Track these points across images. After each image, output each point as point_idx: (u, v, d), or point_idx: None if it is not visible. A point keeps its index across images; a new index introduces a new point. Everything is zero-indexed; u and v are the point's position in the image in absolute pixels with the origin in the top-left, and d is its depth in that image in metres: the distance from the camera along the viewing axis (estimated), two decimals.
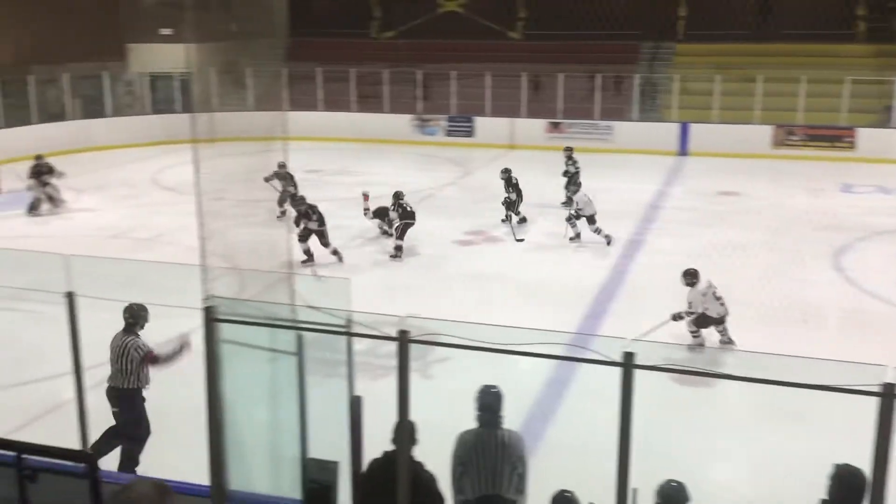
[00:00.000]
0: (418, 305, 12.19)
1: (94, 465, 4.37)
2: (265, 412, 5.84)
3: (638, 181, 20.99)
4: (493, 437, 5.22)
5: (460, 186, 21.05)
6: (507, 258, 14.51)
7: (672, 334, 9.81)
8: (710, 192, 19.83)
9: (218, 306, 5.32)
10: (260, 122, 6.80)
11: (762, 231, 16.08)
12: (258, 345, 5.57)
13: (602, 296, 12.58)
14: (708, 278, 10.34)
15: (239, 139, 7.07)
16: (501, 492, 5.18)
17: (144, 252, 14.41)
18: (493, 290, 12.84)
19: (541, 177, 18.99)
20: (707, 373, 4.39)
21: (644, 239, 15.78)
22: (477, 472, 5.17)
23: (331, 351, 5.65)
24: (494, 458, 5.19)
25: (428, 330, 5.32)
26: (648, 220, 17.19)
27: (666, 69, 28.16)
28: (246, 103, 27.62)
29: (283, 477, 5.63)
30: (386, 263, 14.11)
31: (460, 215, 17.28)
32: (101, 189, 20.27)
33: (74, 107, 27.90)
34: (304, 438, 5.45)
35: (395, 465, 5.03)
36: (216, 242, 5.75)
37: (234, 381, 5.47)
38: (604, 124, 26.41)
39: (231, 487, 5.56)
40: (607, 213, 15.52)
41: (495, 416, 5.29)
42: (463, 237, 15.80)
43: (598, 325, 11.25)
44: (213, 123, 6.83)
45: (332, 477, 5.44)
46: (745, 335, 9.99)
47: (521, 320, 10.57)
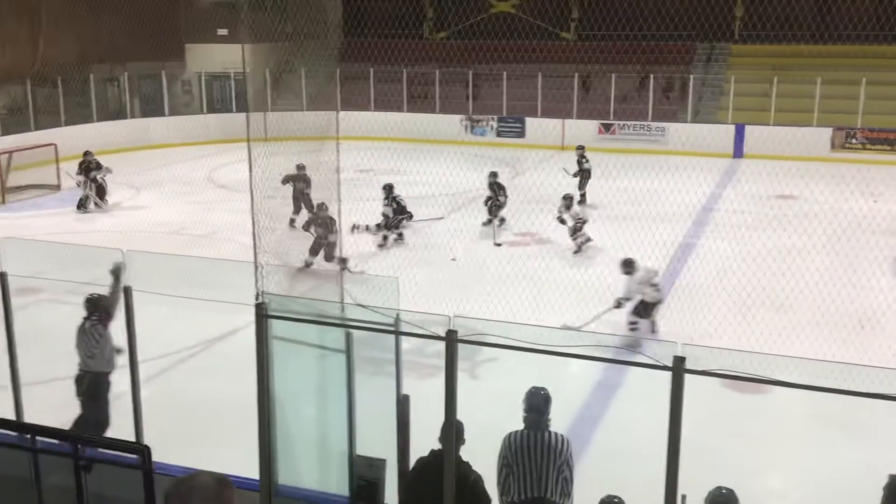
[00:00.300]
0: (466, 306, 12.20)
1: (148, 457, 4.46)
2: (314, 409, 5.90)
3: (691, 183, 20.69)
4: (540, 440, 5.20)
5: (510, 187, 20.98)
6: (556, 259, 14.43)
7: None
8: (765, 196, 19.46)
9: (269, 303, 5.40)
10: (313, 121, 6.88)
11: (819, 236, 15.73)
12: (308, 342, 5.64)
13: None
14: (648, 266, 10.96)
15: (292, 138, 7.17)
16: (547, 495, 5.16)
17: (199, 249, 14.65)
18: (543, 292, 12.78)
19: (593, 178, 18.84)
20: (759, 379, 4.32)
21: (696, 242, 15.55)
22: (523, 474, 5.16)
23: (379, 349, 5.69)
24: (541, 460, 5.16)
25: (476, 330, 5.32)
26: (701, 224, 16.94)
27: (721, 70, 27.71)
28: (299, 103, 27.93)
29: (331, 473, 5.68)
30: (434, 262, 14.15)
31: (510, 216, 17.24)
32: (158, 186, 20.68)
33: (133, 105, 28.53)
34: (352, 435, 5.49)
35: (441, 464, 5.04)
36: (268, 240, 5.83)
37: (283, 378, 5.55)
38: (657, 126, 26.10)
39: (280, 482, 5.64)
40: (659, 215, 15.34)
41: (542, 418, 5.27)
42: (512, 238, 15.75)
43: (648, 330, 11.11)
44: (266, 123, 6.94)
45: (379, 474, 5.47)
46: (800, 341, 9.80)
47: (571, 322, 10.54)
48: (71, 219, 17.82)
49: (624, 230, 15.18)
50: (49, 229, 16.20)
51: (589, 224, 15.61)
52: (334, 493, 5.64)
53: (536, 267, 13.94)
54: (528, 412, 5.29)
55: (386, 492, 5.53)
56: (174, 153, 25.01)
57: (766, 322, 10.50)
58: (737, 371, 4.28)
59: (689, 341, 4.50)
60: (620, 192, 18.72)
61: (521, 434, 5.23)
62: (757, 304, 11.49)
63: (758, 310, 11.30)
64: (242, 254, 11.02)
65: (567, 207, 15.12)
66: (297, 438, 5.75)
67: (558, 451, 5.19)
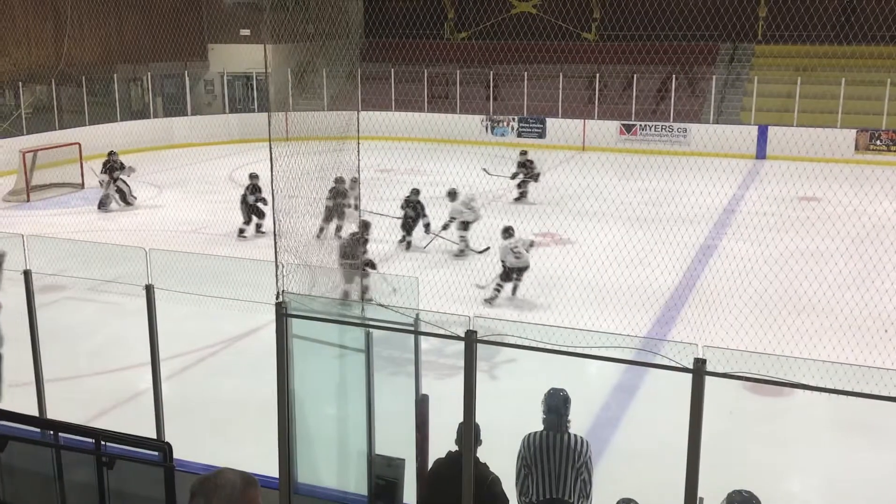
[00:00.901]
0: (487, 307, 12.21)
1: (169, 454, 4.49)
2: (333, 407, 5.92)
3: (713, 185, 20.56)
4: (559, 441, 5.19)
5: (530, 187, 20.96)
6: (576, 260, 14.39)
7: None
8: (788, 198, 19.31)
9: (289, 302, 5.42)
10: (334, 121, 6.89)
11: (843, 238, 15.59)
12: (328, 341, 5.66)
13: (673, 301, 12.37)
14: (520, 237, 12.68)
15: (313, 138, 7.19)
16: (565, 496, 5.15)
17: (220, 247, 14.75)
18: (562, 292, 12.75)
19: (613, 179, 18.77)
20: (781, 381, 4.28)
21: (718, 244, 15.46)
22: (541, 475, 5.15)
23: (398, 349, 5.70)
24: (559, 461, 5.15)
25: (495, 330, 5.32)
26: (723, 225, 16.84)
27: (744, 71, 27.53)
28: (320, 103, 28.04)
29: (350, 472, 5.70)
30: (454, 263, 14.15)
31: (529, 217, 17.21)
32: (181, 185, 20.84)
33: (156, 105, 28.76)
34: (371, 435, 5.50)
35: (459, 464, 5.04)
36: (289, 239, 5.86)
37: (303, 377, 5.57)
38: (679, 126, 25.96)
39: (299, 480, 5.66)
40: (680, 217, 15.26)
41: (562, 419, 5.26)
42: (532, 238, 15.71)
43: (668, 331, 11.07)
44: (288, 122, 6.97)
45: (398, 474, 5.48)
46: (822, 345, 9.71)
47: (589, 323, 10.50)
48: (94, 217, 18.00)
49: (644, 231, 15.14)
50: (73, 227, 16.37)
51: (608, 227, 15.54)
52: (353, 492, 5.66)
53: (556, 267, 13.90)
54: (547, 413, 5.28)
55: (405, 491, 5.54)
56: (196, 152, 25.18)
57: (788, 325, 10.41)
58: (758, 374, 4.25)
59: (710, 343, 4.47)
60: (641, 193, 18.65)
61: (541, 435, 5.22)
62: (779, 307, 11.41)
63: (779, 312, 11.22)
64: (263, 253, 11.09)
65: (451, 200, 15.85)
66: (317, 437, 5.78)
67: (578, 452, 5.18)
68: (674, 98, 26.32)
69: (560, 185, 18.75)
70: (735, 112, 26.70)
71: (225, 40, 29.69)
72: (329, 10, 6.52)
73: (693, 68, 27.23)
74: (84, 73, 25.43)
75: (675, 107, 26.35)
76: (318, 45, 7.08)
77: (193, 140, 26.24)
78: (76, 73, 25.52)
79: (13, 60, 24.76)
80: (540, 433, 5.23)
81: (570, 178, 18.99)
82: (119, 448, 4.78)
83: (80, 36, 26.34)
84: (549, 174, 22.20)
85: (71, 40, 25.95)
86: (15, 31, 24.93)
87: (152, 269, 6.19)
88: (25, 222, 16.74)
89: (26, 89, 24.95)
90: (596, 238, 15.22)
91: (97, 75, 25.92)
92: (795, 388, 4.30)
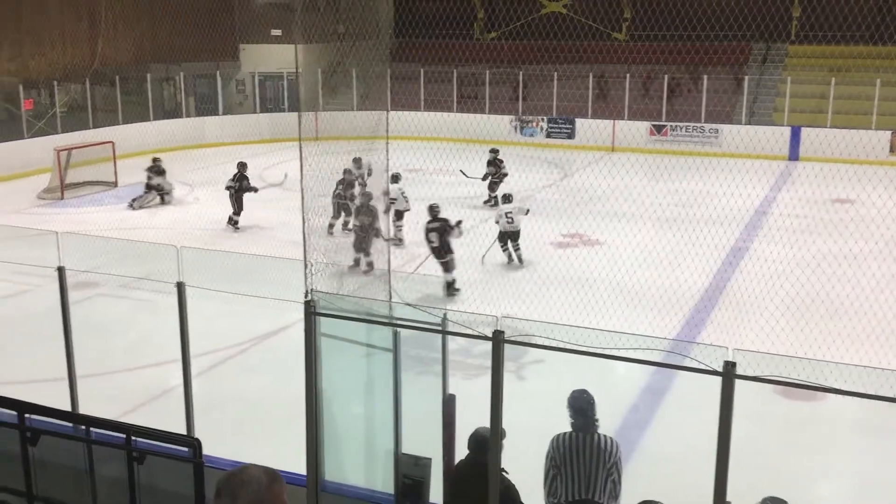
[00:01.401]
0: (514, 307, 12.18)
1: (199, 450, 4.53)
2: (361, 406, 5.94)
3: (744, 186, 20.35)
4: (589, 442, 5.17)
5: (559, 188, 20.89)
6: (605, 261, 14.31)
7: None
8: (821, 200, 19.07)
9: (318, 301, 5.45)
10: (363, 121, 6.93)
11: (877, 241, 15.36)
12: (356, 340, 5.68)
13: (702, 303, 12.26)
14: (517, 205, 14.06)
15: (342, 138, 7.23)
16: (595, 497, 5.12)
17: (250, 246, 14.86)
18: (590, 294, 12.69)
19: (643, 180, 18.66)
20: (812, 386, 4.23)
21: (749, 246, 15.30)
22: (571, 476, 5.13)
23: (426, 348, 5.71)
24: (589, 462, 5.13)
25: (523, 331, 5.31)
26: (754, 227, 16.67)
27: (777, 71, 27.22)
28: (350, 103, 28.15)
29: (377, 470, 5.71)
30: (481, 263, 14.14)
31: (558, 217, 17.15)
32: (212, 184, 21.00)
33: (189, 105, 29.05)
34: (398, 434, 5.52)
35: (477, 467, 5.06)
36: (318, 238, 5.89)
37: (331, 375, 5.60)
38: (710, 127, 25.74)
39: (326, 478, 5.69)
40: (710, 218, 15.12)
41: (590, 420, 5.23)
42: (561, 239, 15.68)
43: (697, 334, 10.98)
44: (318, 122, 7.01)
45: (425, 473, 5.49)
46: (855, 349, 9.58)
47: (618, 325, 10.44)
48: (127, 215, 18.21)
49: (674, 232, 15.00)
50: (106, 225, 16.58)
51: (638, 228, 15.44)
52: (380, 490, 5.67)
53: (584, 268, 13.84)
54: (573, 416, 5.26)
55: (431, 491, 5.55)
56: (227, 152, 25.39)
57: (821, 329, 10.29)
58: (789, 377, 4.20)
59: (740, 346, 4.42)
60: (671, 194, 18.51)
61: (570, 436, 5.20)
62: (811, 310, 11.27)
63: (811, 316, 11.08)
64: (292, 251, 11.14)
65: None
66: (344, 435, 5.80)
67: (608, 453, 5.15)
68: (705, 98, 26.09)
69: (589, 185, 18.63)
70: (768, 113, 26.41)
71: (256, 40, 29.90)
72: (359, 11, 6.55)
73: (725, 68, 26.96)
74: (118, 72, 25.75)
75: (706, 107, 26.12)
76: (349, 45, 7.11)
77: (224, 139, 26.45)
78: (110, 72, 25.85)
79: (49, 60, 25.14)
80: (569, 434, 5.21)
81: (600, 178, 18.91)
82: (149, 443, 4.83)
83: (115, 36, 26.68)
84: (578, 175, 22.10)
85: (105, 40, 26.29)
86: (51, 32, 25.30)
87: (183, 267, 6.25)
88: (59, 219, 16.99)
89: (61, 88, 25.31)
90: (625, 239, 15.14)
91: (131, 75, 26.23)
92: (827, 392, 4.25)
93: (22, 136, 22.96)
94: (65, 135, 23.08)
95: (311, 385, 5.48)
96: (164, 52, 27.12)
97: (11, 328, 10.83)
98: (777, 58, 28.04)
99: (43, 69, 24.91)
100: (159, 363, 9.64)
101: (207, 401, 8.44)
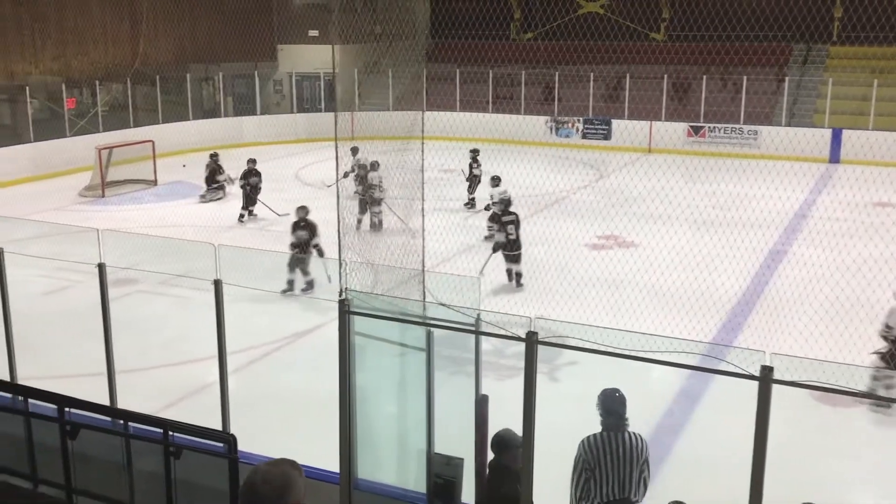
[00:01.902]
0: (548, 308, 12.14)
1: (234, 446, 4.58)
2: (394, 405, 5.96)
3: (783, 189, 20.10)
4: (621, 441, 5.14)
5: (594, 189, 20.79)
6: (641, 263, 14.21)
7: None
8: (862, 203, 18.75)
9: (352, 300, 5.48)
10: (399, 121, 6.95)
11: None
12: (389, 339, 5.70)
13: (739, 307, 12.12)
14: (501, 189, 14.08)
15: (378, 137, 7.26)
16: (630, 496, 5.10)
17: (285, 245, 14.98)
18: (626, 296, 12.61)
19: (680, 182, 18.49)
20: (851, 392, 4.16)
21: (788, 250, 15.09)
22: (605, 477, 5.10)
23: (459, 349, 5.71)
24: (623, 462, 5.10)
25: (557, 332, 5.29)
26: (794, 231, 16.44)
27: (818, 72, 26.81)
28: (386, 103, 28.26)
29: (410, 469, 5.73)
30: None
31: (593, 219, 17.06)
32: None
33: (227, 104, 29.37)
34: (430, 433, 5.53)
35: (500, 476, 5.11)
36: (352, 237, 5.92)
37: (365, 374, 5.63)
38: (749, 129, 25.44)
39: (359, 476, 5.72)
40: (749, 221, 14.95)
41: (621, 419, 5.21)
42: (596, 241, 15.60)
43: (734, 338, 10.85)
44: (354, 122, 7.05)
45: (457, 473, 5.50)
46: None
47: (652, 328, 10.37)
48: (166, 212, 18.45)
49: (711, 235, 14.86)
50: (145, 222, 16.83)
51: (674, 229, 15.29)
52: (412, 489, 5.69)
53: (619, 270, 13.75)
54: (606, 416, 5.23)
55: (463, 491, 5.55)
56: (264, 151, 25.64)
57: (860, 333, 10.11)
58: (827, 383, 4.14)
59: (778, 351, 4.37)
60: (709, 196, 18.32)
61: (601, 436, 5.18)
62: (850, 315, 11.08)
63: (851, 321, 10.89)
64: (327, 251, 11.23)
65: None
66: (377, 434, 5.83)
67: (639, 450, 5.14)
68: (744, 99, 25.78)
69: (625, 187, 18.53)
70: (808, 114, 26.03)
71: (294, 41, 30.14)
72: (396, 11, 6.58)
73: (765, 69, 26.62)
74: (158, 72, 26.11)
75: (745, 108, 25.81)
76: (385, 45, 7.14)
77: (262, 139, 26.70)
78: (151, 72, 26.22)
79: (91, 60, 25.58)
80: (599, 434, 5.19)
81: (636, 180, 18.77)
82: (186, 438, 4.89)
83: (155, 36, 27.06)
84: (614, 176, 21.97)
85: (146, 41, 26.68)
86: (93, 32, 25.74)
87: (220, 264, 6.32)
88: (100, 217, 17.27)
89: (103, 88, 25.73)
90: (661, 241, 15.02)
91: (171, 75, 26.58)
92: (866, 398, 4.19)
93: (64, 135, 23.39)
94: (106, 133, 23.46)
95: (345, 383, 5.51)
96: (203, 53, 27.45)
97: (53, 323, 11.03)
98: (818, 59, 27.63)
99: (85, 69, 25.35)
100: (196, 359, 9.75)
101: (243, 397, 8.52)
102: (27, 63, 24.07)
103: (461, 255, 14.33)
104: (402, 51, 7.31)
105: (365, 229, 14.87)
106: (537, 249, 14.31)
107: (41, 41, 24.34)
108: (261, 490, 2.55)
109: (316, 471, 6.08)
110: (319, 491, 5.90)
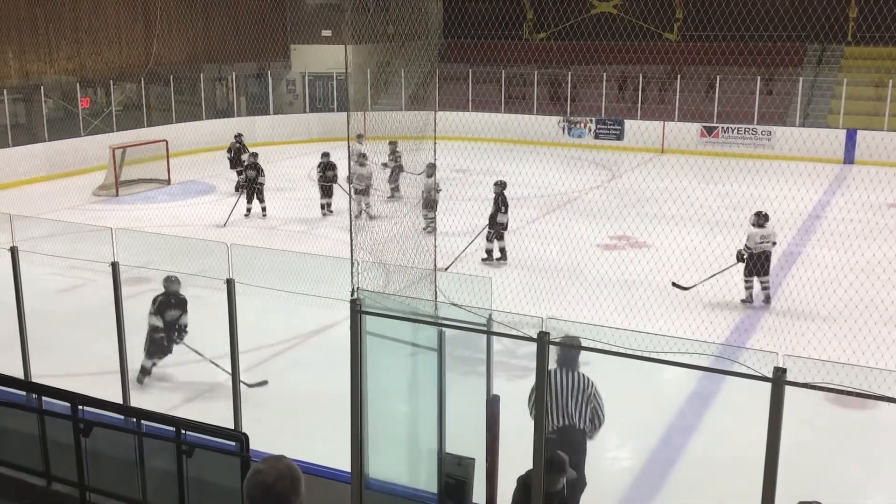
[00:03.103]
0: (560, 309, 12.12)
1: (246, 444, 4.60)
2: (405, 405, 5.97)
3: (797, 190, 19.99)
4: (570, 377, 5.95)
5: (607, 190, 20.74)
6: (653, 264, 14.17)
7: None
8: (877, 204, 18.63)
9: (364, 299, 5.48)
10: (411, 121, 6.95)
11: None
12: (401, 339, 5.71)
13: (752, 308, 12.06)
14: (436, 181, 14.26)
15: (390, 137, 7.27)
16: (577, 425, 5.91)
17: (298, 244, 15.02)
18: (638, 296, 12.57)
19: (693, 183, 18.40)
20: (865, 394, 4.14)
21: (802, 251, 15.02)
22: (556, 405, 5.86)
23: (471, 349, 5.71)
24: (568, 394, 5.91)
25: (569, 333, 5.28)
26: (808, 232, 16.35)
27: (833, 73, 26.66)
28: (398, 103, 28.28)
29: (421, 469, 5.73)
30: (527, 264, 14.09)
31: (606, 219, 17.02)
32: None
33: (240, 104, 29.47)
34: (441, 433, 5.53)
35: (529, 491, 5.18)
36: (364, 237, 5.93)
37: (376, 373, 5.63)
38: (763, 129, 25.32)
39: (370, 475, 5.72)
40: None
41: (574, 359, 6.00)
42: (608, 241, 15.56)
43: (747, 339, 10.81)
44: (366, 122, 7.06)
45: (468, 473, 5.49)
46: None
47: (664, 328, 10.33)
48: (179, 211, 18.53)
49: (724, 236, 14.78)
50: (159, 222, 16.90)
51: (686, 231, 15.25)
52: (423, 489, 5.69)
53: (631, 271, 13.72)
54: (561, 353, 5.86)
55: (474, 491, 5.55)
56: (277, 151, 25.72)
57: (875, 335, 10.05)
58: (840, 385, 4.12)
59: (791, 352, 4.34)
60: (721, 197, 18.24)
61: (553, 371, 5.86)
62: (864, 317, 11.01)
63: (864, 322, 10.83)
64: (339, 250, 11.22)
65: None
66: (389, 433, 5.83)
67: (585, 384, 5.99)
68: (758, 100, 25.67)
69: (638, 188, 18.48)
70: (822, 115, 25.88)
71: (307, 41, 30.20)
72: (409, 11, 6.58)
73: (779, 70, 26.49)
74: (172, 72, 26.23)
75: (759, 109, 25.70)
76: (398, 45, 7.15)
77: (275, 139, 26.77)
78: (164, 72, 26.34)
79: (105, 60, 25.71)
80: (553, 370, 5.84)
81: (649, 180, 18.71)
82: (198, 437, 4.91)
83: (169, 36, 27.17)
84: (626, 177, 21.91)
85: (160, 41, 26.79)
86: (107, 32, 25.87)
87: (233, 264, 6.34)
88: (114, 216, 17.36)
89: (117, 88, 25.87)
90: (673, 242, 14.96)
91: (184, 75, 26.69)
92: (879, 400, 4.16)
93: (79, 134, 23.52)
94: (120, 133, 23.58)
95: (357, 383, 5.52)
96: (216, 53, 27.54)
97: (66, 321, 11.09)
98: (833, 59, 27.47)
99: (100, 68, 25.48)
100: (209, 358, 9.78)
101: (255, 396, 8.55)
102: (42, 63, 24.21)
103: (474, 255, 14.31)
104: (414, 51, 7.32)
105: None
106: (549, 249, 14.28)
107: (56, 41, 24.49)
108: (278, 487, 2.56)
109: (327, 470, 6.10)
110: (331, 490, 5.91)
